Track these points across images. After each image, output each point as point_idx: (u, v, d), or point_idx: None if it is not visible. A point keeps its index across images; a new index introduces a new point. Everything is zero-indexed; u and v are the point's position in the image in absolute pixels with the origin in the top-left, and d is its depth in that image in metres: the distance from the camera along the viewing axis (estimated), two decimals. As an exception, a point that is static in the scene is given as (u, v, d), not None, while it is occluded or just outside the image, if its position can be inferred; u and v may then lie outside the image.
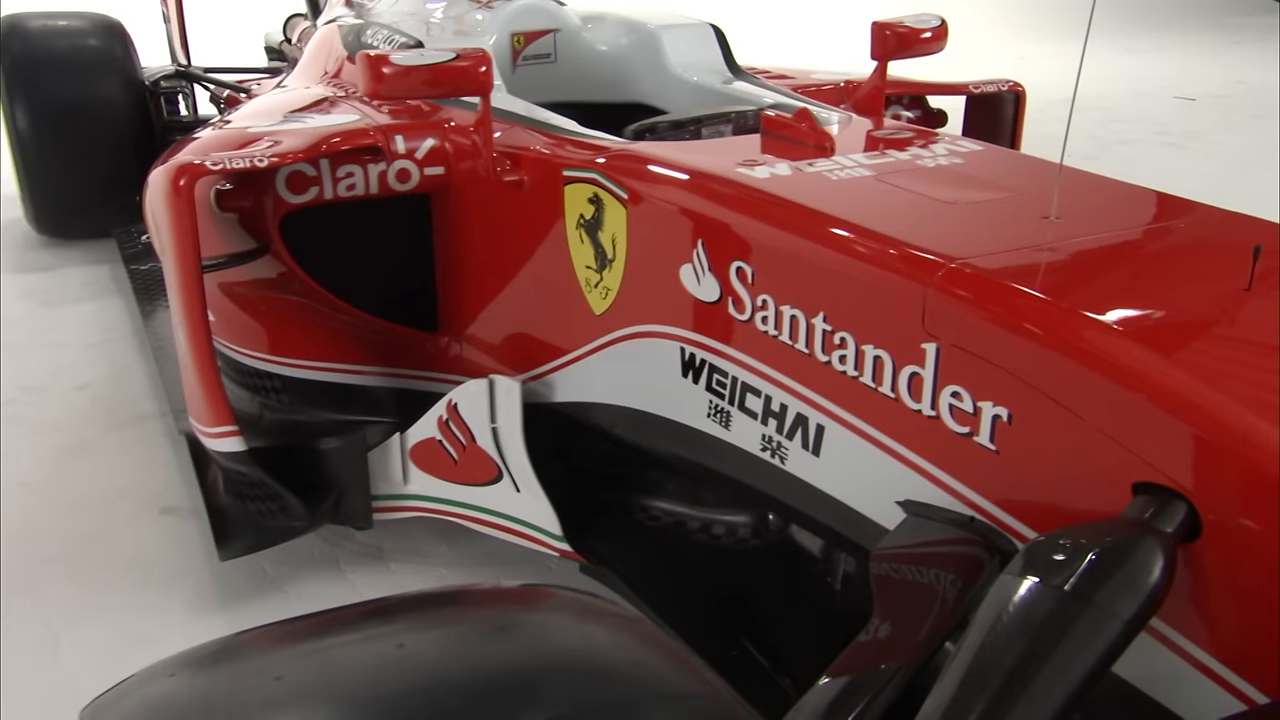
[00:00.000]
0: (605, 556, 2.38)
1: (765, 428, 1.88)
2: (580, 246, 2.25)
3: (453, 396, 2.41)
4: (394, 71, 2.19)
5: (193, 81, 5.13)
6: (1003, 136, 3.09)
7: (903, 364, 1.56)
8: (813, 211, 1.75)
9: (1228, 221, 1.69)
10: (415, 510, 2.58)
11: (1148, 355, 1.28)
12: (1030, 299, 1.41)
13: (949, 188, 1.85)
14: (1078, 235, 1.61)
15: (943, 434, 1.52)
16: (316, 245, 2.64)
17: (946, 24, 2.74)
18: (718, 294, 1.91)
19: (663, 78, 3.06)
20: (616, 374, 2.25)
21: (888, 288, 1.57)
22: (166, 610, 2.52)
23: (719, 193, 1.91)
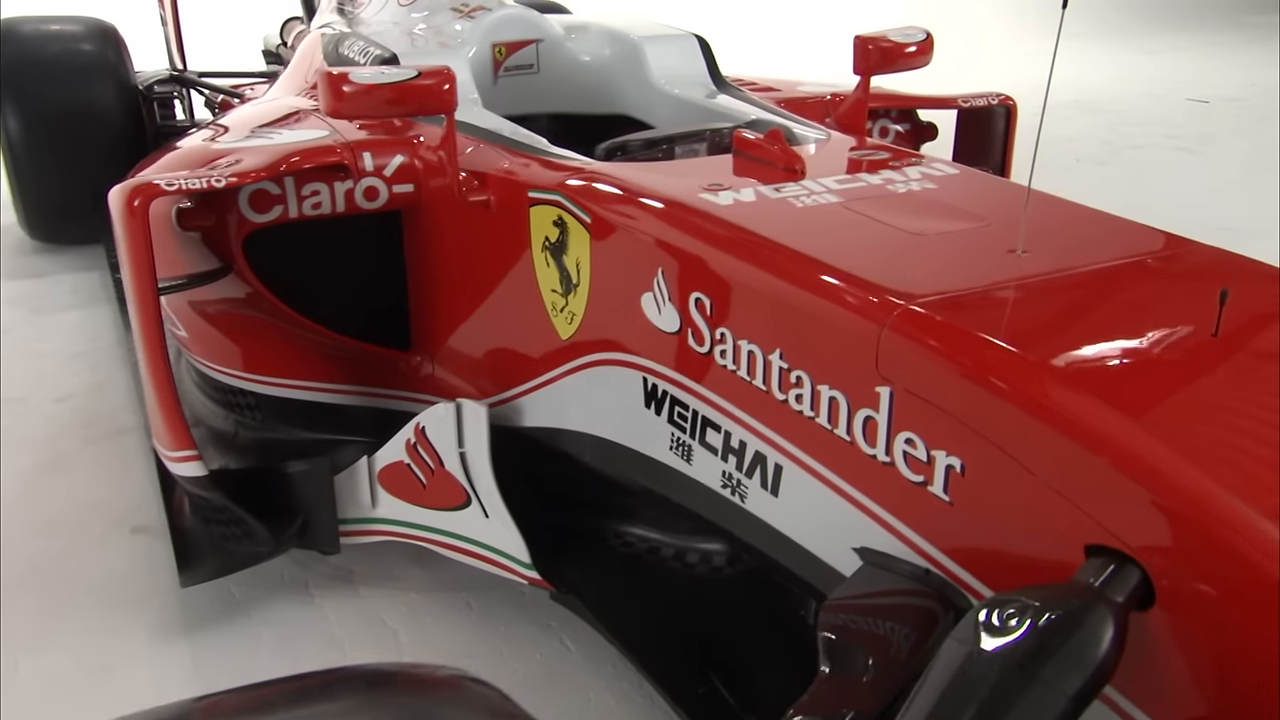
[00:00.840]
0: (575, 584, 2.33)
1: (725, 464, 1.82)
2: (546, 270, 2.19)
3: (420, 419, 2.35)
4: (354, 90, 2.14)
5: (186, 86, 5.09)
6: (994, 151, 3.01)
7: (857, 407, 1.50)
8: (770, 243, 1.68)
9: (1201, 256, 1.61)
10: (384, 534, 2.53)
11: (1103, 412, 1.21)
12: (983, 345, 1.34)
13: (916, 216, 1.78)
14: (1042, 271, 1.54)
15: (897, 482, 1.46)
16: (287, 261, 2.59)
17: (932, 38, 2.66)
18: (678, 324, 1.84)
19: (645, 90, 3.00)
20: (583, 400, 2.20)
21: (842, 326, 1.51)
22: (130, 635, 2.47)
23: (679, 220, 1.85)
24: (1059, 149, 7.07)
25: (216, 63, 5.56)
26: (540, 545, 2.30)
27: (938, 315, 1.41)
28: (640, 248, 1.91)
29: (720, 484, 1.85)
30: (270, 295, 2.52)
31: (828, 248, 1.64)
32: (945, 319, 1.40)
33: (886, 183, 1.97)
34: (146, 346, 2.24)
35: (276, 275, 2.61)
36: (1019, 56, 10.86)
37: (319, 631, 2.50)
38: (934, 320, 1.40)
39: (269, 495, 2.47)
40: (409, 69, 2.17)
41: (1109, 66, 10.27)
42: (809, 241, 1.67)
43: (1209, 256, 1.61)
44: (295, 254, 2.58)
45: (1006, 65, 10.33)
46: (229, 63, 5.69)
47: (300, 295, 2.65)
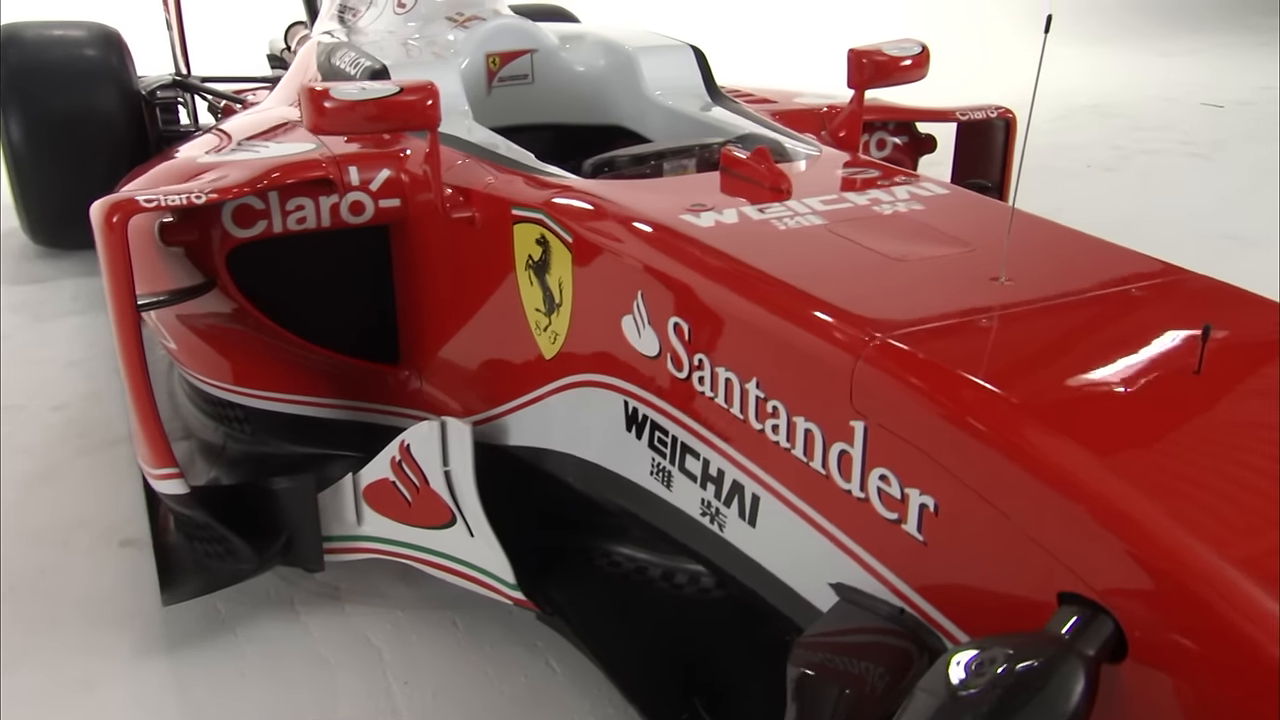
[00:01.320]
0: (561, 606, 2.30)
1: (704, 492, 1.79)
2: (529, 288, 2.16)
3: (405, 437, 2.33)
4: (336, 106, 2.11)
5: (189, 91, 5.08)
6: (993, 164, 2.97)
7: (832, 440, 1.46)
8: (748, 268, 1.65)
9: (1190, 285, 1.57)
10: (369, 552, 2.51)
11: (1078, 456, 1.17)
12: (957, 382, 1.30)
13: (900, 240, 1.74)
14: (1023, 301, 1.50)
15: (872, 518, 1.42)
16: (276, 276, 2.57)
17: (928, 51, 2.62)
18: (657, 349, 1.81)
19: (639, 101, 2.97)
20: (566, 421, 2.17)
21: (818, 357, 1.47)
22: (112, 653, 2.45)
23: (658, 242, 1.81)
24: (1070, 155, 7.00)
25: (224, 67, 5.56)
26: (526, 565, 2.27)
27: (913, 349, 1.37)
28: (620, 269, 1.87)
29: (700, 511, 1.81)
30: (255, 310, 2.50)
31: (806, 274, 1.61)
32: (920, 353, 1.36)
33: (873, 203, 1.93)
34: (127, 363, 2.22)
35: (266, 289, 2.59)
36: (1031, 60, 10.81)
37: (304, 649, 2.47)
38: (908, 354, 1.36)
39: (252, 512, 2.44)
40: (391, 85, 2.14)
41: (1124, 70, 10.18)
42: (787, 267, 1.63)
43: (1199, 286, 1.57)
44: (285, 267, 2.55)
45: (1017, 69, 10.26)
46: (237, 67, 5.69)
47: (290, 308, 2.63)
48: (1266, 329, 1.43)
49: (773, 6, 11.61)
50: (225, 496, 2.44)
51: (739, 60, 9.61)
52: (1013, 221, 1.69)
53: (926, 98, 3.49)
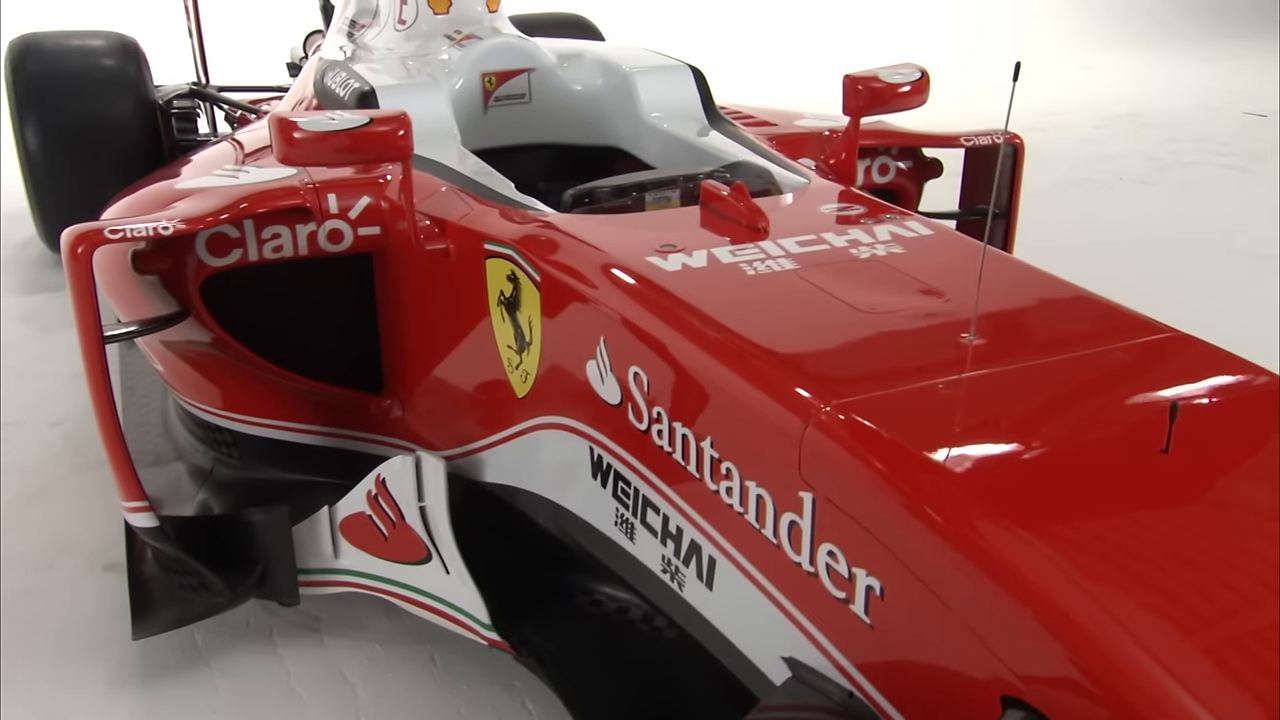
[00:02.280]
0: (536, 646, 2.23)
1: (665, 548, 1.72)
2: (502, 325, 2.10)
3: (381, 471, 2.28)
4: (305, 138, 2.06)
5: (205, 100, 5.08)
6: (1001, 190, 2.86)
7: (783, 509, 1.39)
8: (707, 319, 1.57)
9: (1176, 347, 1.47)
10: (346, 585, 2.46)
11: (1025, 551, 1.08)
12: (905, 459, 1.22)
13: (871, 289, 1.66)
14: (990, 364, 1.41)
15: (822, 594, 1.34)
16: (264, 301, 2.52)
17: (928, 76, 2.52)
18: (619, 397, 1.74)
19: (635, 123, 2.90)
20: (536, 462, 2.11)
21: (769, 420, 1.39)
22: (86, 684, 2.42)
23: (620, 285, 1.75)
24: (1103, 166, 6.84)
25: (247, 76, 5.56)
26: (504, 603, 2.21)
27: (863, 418, 1.29)
28: (585, 312, 1.81)
29: (660, 568, 1.74)
30: (231, 339, 2.46)
31: (765, 327, 1.53)
32: (871, 423, 1.28)
33: (851, 245, 1.84)
34: (94, 395, 2.19)
35: (254, 314, 2.54)
36: (1072, 67, 10.62)
37: (278, 685, 2.43)
38: (858, 425, 1.28)
39: (227, 545, 2.40)
40: (362, 115, 2.09)
41: (1165, 76, 9.96)
42: (747, 319, 1.56)
43: (1184, 348, 1.47)
44: (274, 293, 2.51)
45: (1058, 78, 10.09)
46: (259, 75, 5.69)
47: (278, 334, 2.58)
48: (1254, 401, 1.34)
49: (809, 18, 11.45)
50: (198, 529, 2.39)
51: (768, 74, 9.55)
52: (994, 270, 1.60)
53: (964, 106, 3.36)
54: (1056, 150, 7.29)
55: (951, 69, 10.45)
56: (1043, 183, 6.56)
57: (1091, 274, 4.81)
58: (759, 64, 9.91)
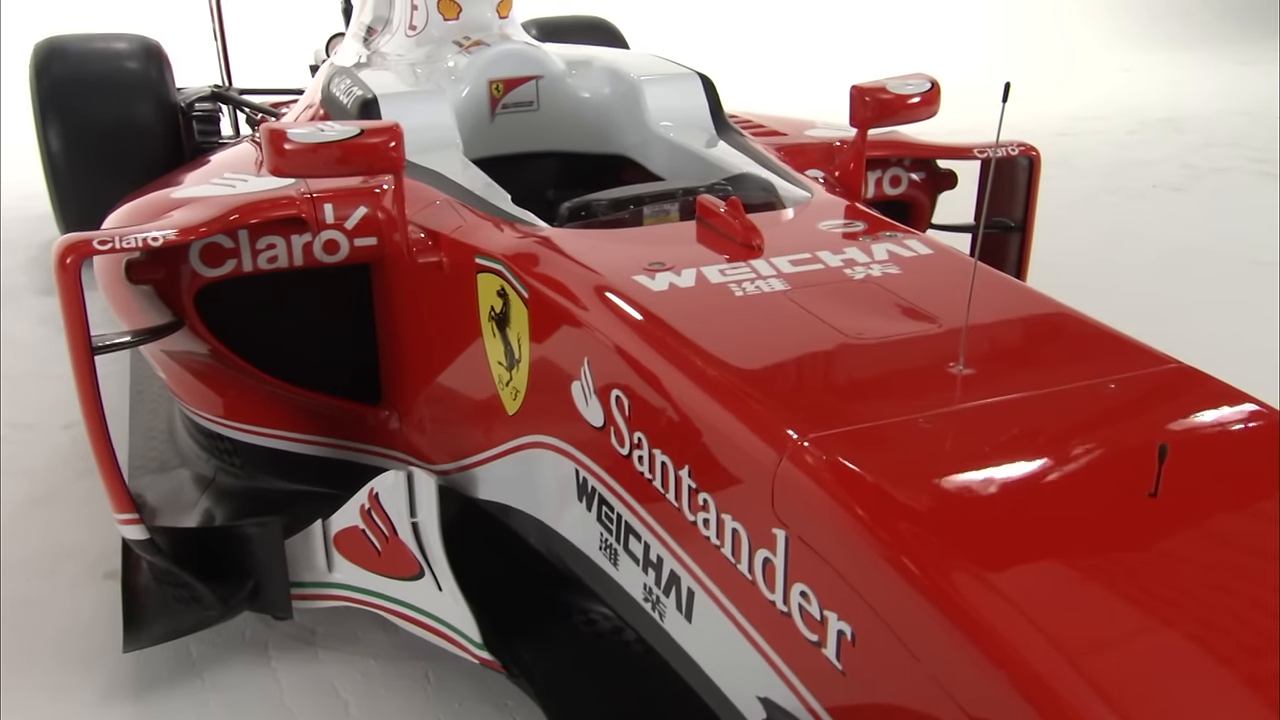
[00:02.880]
0: (528, 667, 2.19)
1: (646, 577, 1.67)
2: (493, 340, 2.06)
3: (374, 485, 2.25)
4: (295, 149, 2.03)
5: (226, 103, 5.08)
6: (1015, 204, 2.78)
7: (757, 545, 1.34)
8: (688, 343, 1.53)
9: (1177, 380, 1.40)
10: (339, 600, 2.43)
11: (1000, 610, 1.02)
12: (878, 499, 1.16)
13: (862, 313, 1.60)
14: (977, 397, 1.35)
15: (795, 636, 1.29)
16: (260, 311, 2.50)
17: (938, 87, 2.46)
18: (602, 420, 1.70)
19: (643, 132, 2.85)
20: (526, 481, 2.07)
21: (744, 452, 1.34)
22: (77, 695, 2.41)
23: (605, 306, 1.70)
24: (1137, 173, 6.71)
25: (271, 78, 5.57)
26: (499, 620, 2.17)
27: (838, 454, 1.23)
28: (570, 331, 1.77)
29: (642, 596, 1.69)
30: (226, 350, 2.43)
31: (747, 353, 1.48)
32: (846, 460, 1.22)
33: (846, 265, 1.79)
34: (83, 406, 2.17)
35: (254, 324, 2.52)
36: (1110, 70, 10.44)
37: (270, 700, 2.41)
38: (831, 462, 1.22)
39: (219, 557, 2.39)
40: (353, 126, 2.05)
41: (1202, 80, 9.77)
42: (729, 344, 1.51)
43: (1186, 382, 1.40)
44: (274, 304, 2.48)
45: (1095, 81, 9.93)
46: (284, 78, 5.69)
47: (279, 344, 2.55)
48: (1256, 441, 1.27)
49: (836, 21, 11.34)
50: (190, 540, 2.37)
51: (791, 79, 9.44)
52: (990, 294, 1.54)
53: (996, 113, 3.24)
54: (1090, 156, 7.17)
55: (983, 73, 10.33)
56: (1074, 190, 6.45)
57: (1118, 287, 4.73)
58: (783, 69, 9.83)
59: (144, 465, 3.04)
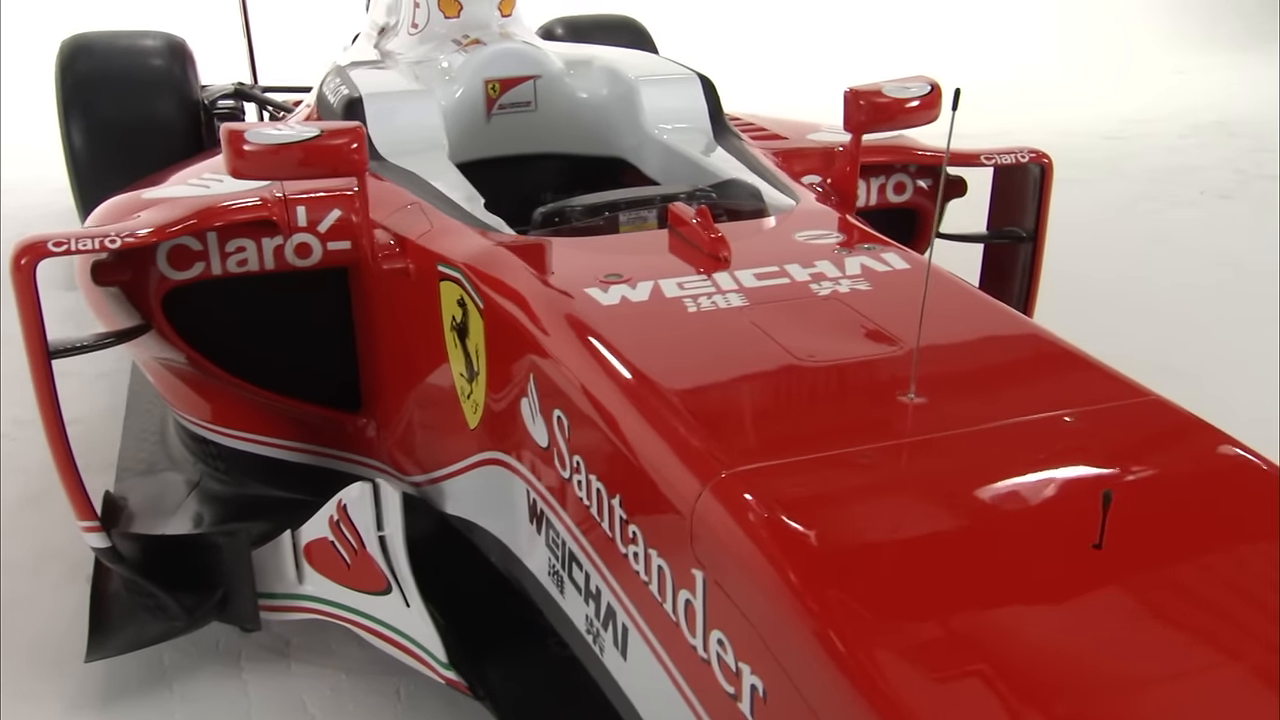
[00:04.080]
0: (495, 688, 2.12)
1: (587, 608, 1.58)
2: (455, 351, 1.99)
3: (342, 496, 2.18)
4: (256, 150, 1.97)
5: (248, 100, 5.07)
6: (1026, 212, 2.64)
7: (680, 585, 1.24)
8: (624, 361, 1.43)
9: (1146, 416, 1.28)
10: (308, 612, 2.37)
11: (915, 686, 0.92)
12: (792, 548, 1.06)
13: (819, 334, 1.50)
14: (925, 429, 1.24)
15: (715, 686, 1.19)
16: (249, 316, 2.44)
17: (939, 90, 2.33)
18: (546, 440, 1.61)
19: (639, 134, 2.76)
20: (486, 498, 1.99)
21: (668, 483, 1.25)
22: (44, 702, 2.38)
23: (550, 321, 1.61)
24: (1187, 179, 6.49)
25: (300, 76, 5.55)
26: (473, 637, 2.10)
27: (758, 491, 1.13)
28: (519, 345, 1.68)
29: (585, 628, 1.60)
30: (197, 355, 2.38)
31: (684, 374, 1.38)
32: (763, 498, 1.12)
33: (814, 279, 1.68)
34: (41, 411, 2.13)
35: (237, 328, 2.47)
36: (1165, 72, 10.13)
37: (236, 713, 2.36)
38: (749, 499, 1.12)
39: (187, 566, 2.33)
40: (312, 127, 1.99)
41: (1259, 82, 9.44)
42: (668, 364, 1.41)
43: (1157, 417, 1.27)
44: (262, 308, 2.43)
45: (1148, 83, 9.64)
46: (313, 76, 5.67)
47: (267, 350, 2.49)
48: (1226, 485, 1.14)
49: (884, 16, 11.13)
50: (159, 548, 2.32)
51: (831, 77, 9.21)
52: (959, 314, 1.43)
53: (1050, 113, 2.98)
54: (1138, 161, 6.95)
55: (1039, 73, 10.07)
56: (1120, 196, 6.24)
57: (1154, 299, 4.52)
58: (816, 68, 9.60)
59: (131, 468, 3.01)
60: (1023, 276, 2.67)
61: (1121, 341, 4.10)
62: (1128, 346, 4.04)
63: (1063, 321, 4.13)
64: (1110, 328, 4.25)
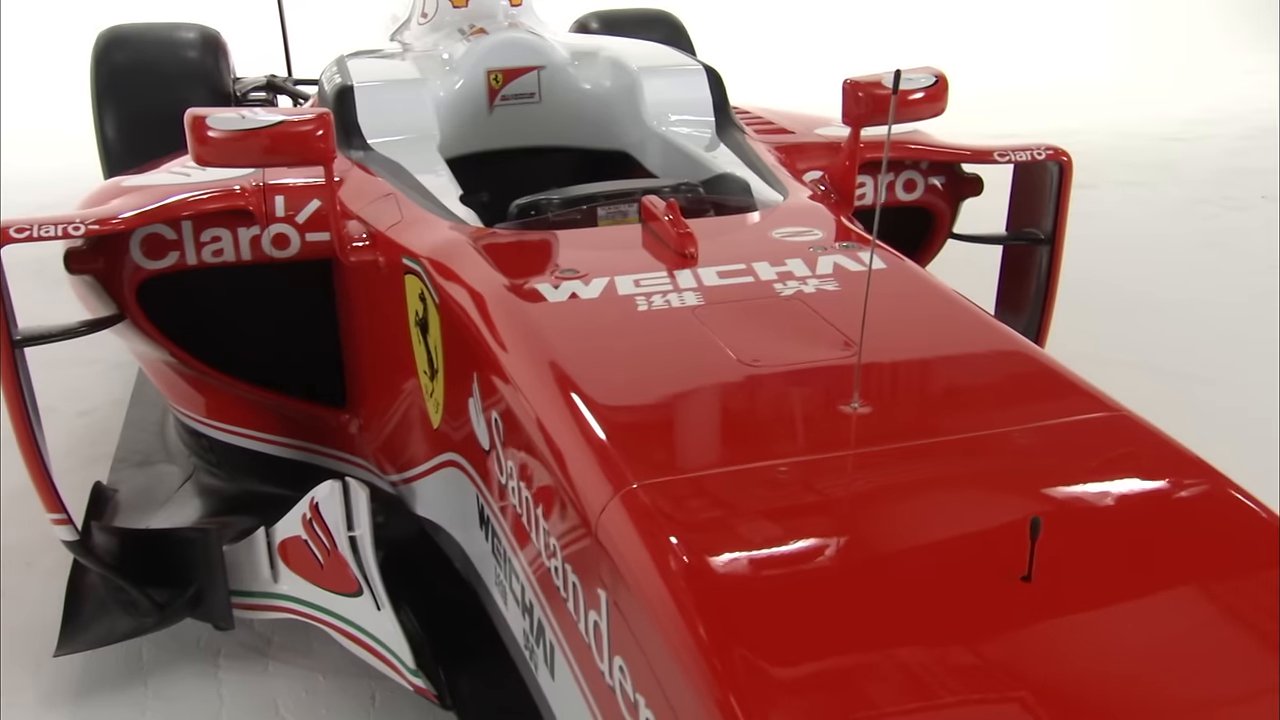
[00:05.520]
0: (464, 697, 2.04)
1: (524, 622, 1.49)
2: (419, 347, 1.91)
3: (314, 494, 2.12)
4: (220, 137, 1.91)
5: (279, 92, 5.07)
6: (1044, 212, 2.50)
7: (589, 605, 1.15)
8: (554, 364, 1.34)
9: (1100, 430, 1.16)
10: (283, 611, 2.32)
11: None
12: (687, 576, 0.96)
13: (770, 337, 1.40)
14: (863, 442, 1.13)
15: (618, 714, 1.10)
16: (223, 307, 2.40)
17: (945, 82, 2.21)
18: (488, 443, 1.53)
19: (639, 127, 2.67)
20: (447, 502, 1.92)
21: (579, 495, 1.15)
22: (19, 696, 2.36)
23: (492, 317, 1.53)
24: (1244, 182, 6.23)
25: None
26: (446, 646, 2.03)
27: (661, 508, 1.03)
28: (467, 343, 1.60)
29: (522, 642, 1.52)
30: (173, 346, 2.34)
31: (614, 379, 1.29)
32: (665, 516, 1.02)
33: (780, 279, 1.58)
34: (8, 403, 2.09)
35: (222, 322, 2.43)
36: (1234, 72, 9.77)
37: (208, 712, 2.32)
38: (649, 516, 1.03)
39: (161, 562, 2.29)
40: (276, 114, 1.93)
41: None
42: (601, 368, 1.32)
43: (1119, 434, 1.15)
44: (229, 300, 2.39)
45: (1214, 82, 9.29)
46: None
47: (234, 343, 2.45)
48: (1188, 513, 1.02)
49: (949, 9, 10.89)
50: (130, 543, 2.28)
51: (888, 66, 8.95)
52: (925, 316, 1.32)
53: (1116, 111, 2.76)
54: (1196, 163, 6.70)
55: (1099, 70, 9.77)
56: (1174, 199, 6.01)
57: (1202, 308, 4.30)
58: (868, 59, 9.38)
59: (127, 458, 3.00)
60: (1040, 279, 2.53)
61: (1154, 347, 3.94)
62: (1159, 352, 3.88)
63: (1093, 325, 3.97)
64: (1148, 331, 4.08)
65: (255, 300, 2.38)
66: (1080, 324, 4.05)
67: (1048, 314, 2.55)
